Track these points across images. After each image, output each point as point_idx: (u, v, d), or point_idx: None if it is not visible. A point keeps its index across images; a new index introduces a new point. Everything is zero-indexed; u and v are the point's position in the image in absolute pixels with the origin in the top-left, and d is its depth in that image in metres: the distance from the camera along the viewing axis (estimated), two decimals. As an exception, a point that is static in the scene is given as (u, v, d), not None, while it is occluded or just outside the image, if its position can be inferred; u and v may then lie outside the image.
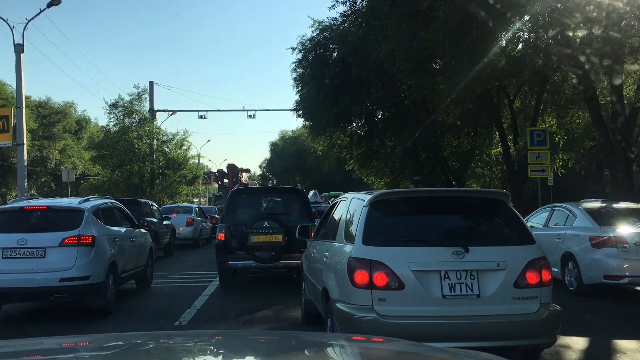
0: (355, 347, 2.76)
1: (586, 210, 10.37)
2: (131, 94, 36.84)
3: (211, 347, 2.78)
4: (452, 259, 5.12)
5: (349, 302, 5.22)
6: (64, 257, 8.12)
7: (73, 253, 8.17)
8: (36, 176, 53.63)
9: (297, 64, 25.15)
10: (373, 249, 5.21)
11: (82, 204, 8.91)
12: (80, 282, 8.10)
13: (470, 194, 6.99)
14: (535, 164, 18.06)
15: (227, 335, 3.55)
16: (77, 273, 8.10)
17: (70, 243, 8.19)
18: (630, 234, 9.43)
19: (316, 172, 60.96)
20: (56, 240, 8.18)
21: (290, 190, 13.17)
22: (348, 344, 2.82)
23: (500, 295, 5.11)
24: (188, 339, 3.08)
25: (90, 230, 8.50)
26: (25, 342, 2.78)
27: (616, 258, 9.29)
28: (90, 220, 8.65)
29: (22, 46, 25.36)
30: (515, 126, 21.27)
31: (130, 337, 3.07)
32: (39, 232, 8.32)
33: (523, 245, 5.39)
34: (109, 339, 2.93)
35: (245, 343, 2.87)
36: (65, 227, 8.36)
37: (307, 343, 2.89)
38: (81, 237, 8.26)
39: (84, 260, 8.21)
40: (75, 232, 8.28)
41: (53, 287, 8.00)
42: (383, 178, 29.46)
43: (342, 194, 7.69)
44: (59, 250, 8.15)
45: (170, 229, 18.85)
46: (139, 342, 2.78)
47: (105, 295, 8.60)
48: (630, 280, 9.36)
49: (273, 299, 10.02)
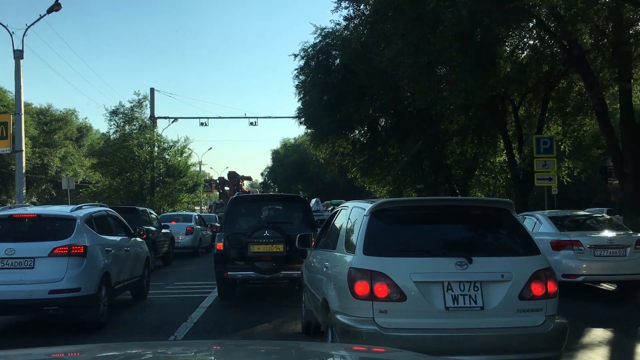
0: (356, 357, 2.73)
1: (550, 218, 11.74)
2: (132, 101, 36.62)
3: (210, 357, 2.74)
4: (455, 269, 4.98)
5: (349, 314, 5.08)
6: (54, 268, 7.73)
7: (63, 264, 7.78)
8: (37, 183, 53.49)
9: (299, 70, 25.10)
10: (374, 259, 5.08)
11: (74, 212, 8.53)
12: (71, 295, 7.70)
13: (474, 203, 6.77)
14: (542, 172, 17.75)
15: (226, 345, 3.44)
16: (68, 285, 7.71)
17: (60, 253, 7.80)
18: (585, 238, 10.72)
19: (318, 181, 60.76)
20: (46, 250, 7.79)
21: (292, 198, 12.77)
22: (349, 354, 2.78)
23: (504, 307, 4.97)
24: (186, 348, 3.06)
25: (82, 239, 8.12)
26: (13, 353, 2.67)
27: (573, 259, 10.55)
28: (83, 229, 8.26)
29: (21, 52, 25.18)
30: (520, 134, 20.98)
31: (125, 347, 2.98)
32: (28, 241, 7.94)
33: (528, 256, 5.23)
34: (102, 350, 2.87)
35: (244, 353, 2.80)
36: (55, 237, 7.97)
37: (307, 353, 2.82)
38: (72, 247, 7.87)
39: (75, 271, 7.82)
40: (66, 241, 7.90)
41: (42, 299, 7.61)
42: (385, 186, 29.33)
43: (344, 203, 7.46)
44: (48, 260, 7.77)
45: (169, 238, 18.49)
46: (134, 353, 2.69)
47: (98, 308, 8.20)
48: (585, 278, 10.65)
49: (273, 311, 9.62)
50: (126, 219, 11.12)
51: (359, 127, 26.59)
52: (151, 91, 39.13)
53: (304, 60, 24.55)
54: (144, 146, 36.62)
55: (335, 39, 23.54)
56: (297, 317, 8.56)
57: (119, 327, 8.53)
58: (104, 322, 8.40)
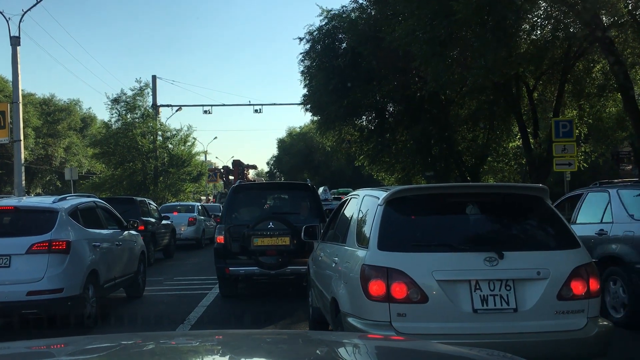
0: (371, 346, 2.54)
1: None
2: (133, 89, 35.75)
3: (214, 347, 2.59)
4: (484, 266, 4.48)
5: (362, 317, 4.58)
6: (33, 267, 6.95)
7: (43, 261, 6.99)
8: (41, 174, 53.09)
9: (305, 54, 24.27)
10: (390, 255, 4.58)
11: (56, 204, 7.69)
12: (52, 296, 6.92)
13: (503, 189, 5.97)
14: (561, 156, 16.86)
15: (230, 335, 3.16)
16: (48, 285, 6.93)
17: (40, 250, 7.01)
18: None
19: (325, 169, 60.10)
20: (23, 246, 7.00)
21: (299, 186, 11.82)
22: (363, 343, 2.60)
23: (541, 308, 4.47)
24: (190, 339, 2.95)
25: (65, 234, 7.31)
26: None
27: None
28: (66, 223, 7.45)
29: (18, 39, 24.73)
30: (535, 118, 20.11)
31: (119, 338, 2.84)
32: (3, 236, 7.18)
33: (567, 250, 4.71)
34: (91, 341, 2.73)
35: (250, 342, 2.63)
36: (34, 231, 7.17)
37: (316, 342, 2.68)
38: (53, 243, 7.07)
39: (57, 270, 7.03)
40: (46, 236, 7.09)
41: (19, 302, 6.84)
42: (394, 174, 28.59)
43: (351, 191, 6.69)
44: (26, 258, 6.98)
45: (170, 229, 17.76)
46: (131, 344, 2.53)
47: (84, 310, 7.40)
48: None
49: (279, 310, 8.79)
50: (123, 210, 10.40)
51: (366, 114, 25.91)
52: (153, 79, 38.31)
53: (309, 44, 23.78)
54: (147, 135, 35.83)
55: (342, 21, 22.71)
56: (306, 318, 7.82)
57: (105, 330, 7.65)
58: (92, 326, 7.59)
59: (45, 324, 7.14)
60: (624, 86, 14.10)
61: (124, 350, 2.40)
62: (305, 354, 2.41)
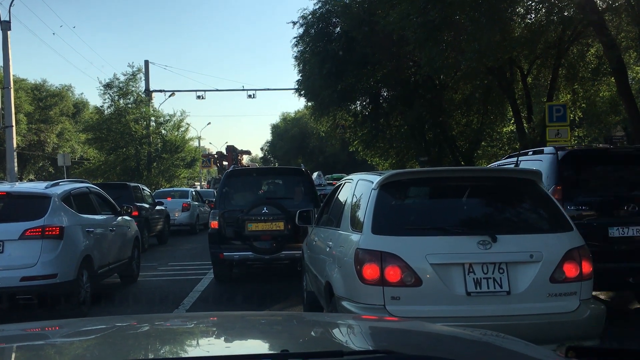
0: (365, 327, 2.55)
1: None
2: (126, 74, 35.46)
3: (208, 328, 2.58)
4: (478, 249, 4.48)
5: (356, 301, 4.60)
6: (26, 252, 6.92)
7: (37, 247, 6.96)
8: (34, 160, 52.76)
9: (299, 39, 24.07)
10: (384, 239, 4.58)
11: (49, 190, 7.65)
12: (46, 281, 6.90)
13: (497, 173, 5.98)
14: (555, 141, 16.86)
15: (224, 317, 3.17)
16: (42, 271, 6.90)
17: (33, 235, 6.98)
18: None
19: (319, 154, 59.96)
20: (17, 232, 6.96)
21: (293, 171, 11.79)
22: (357, 324, 2.63)
23: (534, 291, 4.48)
24: (185, 320, 2.95)
25: (59, 219, 7.28)
26: None
27: None
28: (59, 208, 7.41)
29: (9, 23, 24.49)
30: (529, 102, 20.09)
31: (114, 320, 2.83)
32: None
33: (560, 233, 4.72)
34: (86, 324, 2.70)
35: (244, 324, 2.63)
36: (28, 217, 7.13)
37: (310, 323, 2.66)
38: (46, 228, 7.04)
39: (50, 256, 7.01)
40: (39, 222, 7.06)
41: (13, 287, 6.81)
42: (388, 159, 28.62)
43: (345, 176, 6.83)
44: (20, 244, 6.95)
45: (163, 215, 17.72)
46: (125, 325, 2.54)
47: (78, 296, 7.39)
48: None
49: (274, 295, 8.80)
50: (117, 196, 10.34)
51: (360, 99, 25.80)
52: (145, 64, 38.03)
53: (303, 28, 23.58)
54: (140, 121, 35.63)
55: (336, 5, 22.54)
56: (301, 301, 7.82)
57: (99, 314, 7.64)
58: (86, 312, 7.58)
59: (39, 310, 7.14)
60: (617, 70, 14.09)
61: (119, 332, 2.40)
62: (299, 334, 2.41)
